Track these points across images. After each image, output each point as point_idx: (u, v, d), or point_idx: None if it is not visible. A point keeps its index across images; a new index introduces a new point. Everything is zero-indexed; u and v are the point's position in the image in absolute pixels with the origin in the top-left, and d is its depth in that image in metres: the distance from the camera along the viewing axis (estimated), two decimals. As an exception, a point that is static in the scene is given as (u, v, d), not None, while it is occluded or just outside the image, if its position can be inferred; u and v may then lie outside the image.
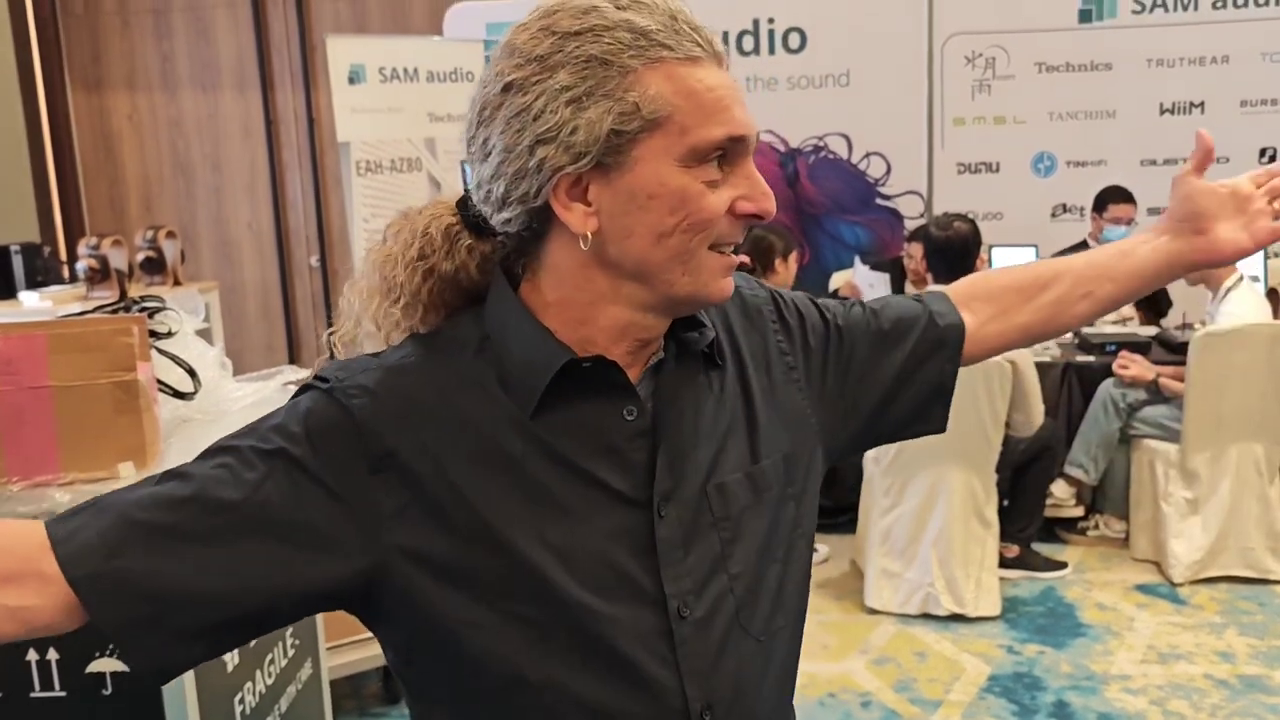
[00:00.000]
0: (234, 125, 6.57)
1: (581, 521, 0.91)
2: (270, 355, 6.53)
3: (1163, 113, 5.48)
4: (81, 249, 4.50)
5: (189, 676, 1.62)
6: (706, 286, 0.91)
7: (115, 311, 1.82)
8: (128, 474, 1.59)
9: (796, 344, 1.07)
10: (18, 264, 4.54)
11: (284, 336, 6.66)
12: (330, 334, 1.00)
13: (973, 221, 3.61)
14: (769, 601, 0.99)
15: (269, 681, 1.95)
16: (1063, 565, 3.93)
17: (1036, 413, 3.54)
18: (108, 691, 1.60)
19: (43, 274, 4.73)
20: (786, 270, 4.26)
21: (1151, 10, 5.40)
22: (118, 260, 4.46)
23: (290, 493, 0.85)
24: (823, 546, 4.10)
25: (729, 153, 0.88)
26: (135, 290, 4.44)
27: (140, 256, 4.68)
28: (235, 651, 1.82)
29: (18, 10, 6.18)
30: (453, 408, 0.90)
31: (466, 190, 0.96)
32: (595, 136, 0.85)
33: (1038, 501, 3.99)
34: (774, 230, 4.46)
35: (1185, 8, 5.38)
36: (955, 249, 3.51)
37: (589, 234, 0.88)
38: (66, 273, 5.52)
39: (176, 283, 4.80)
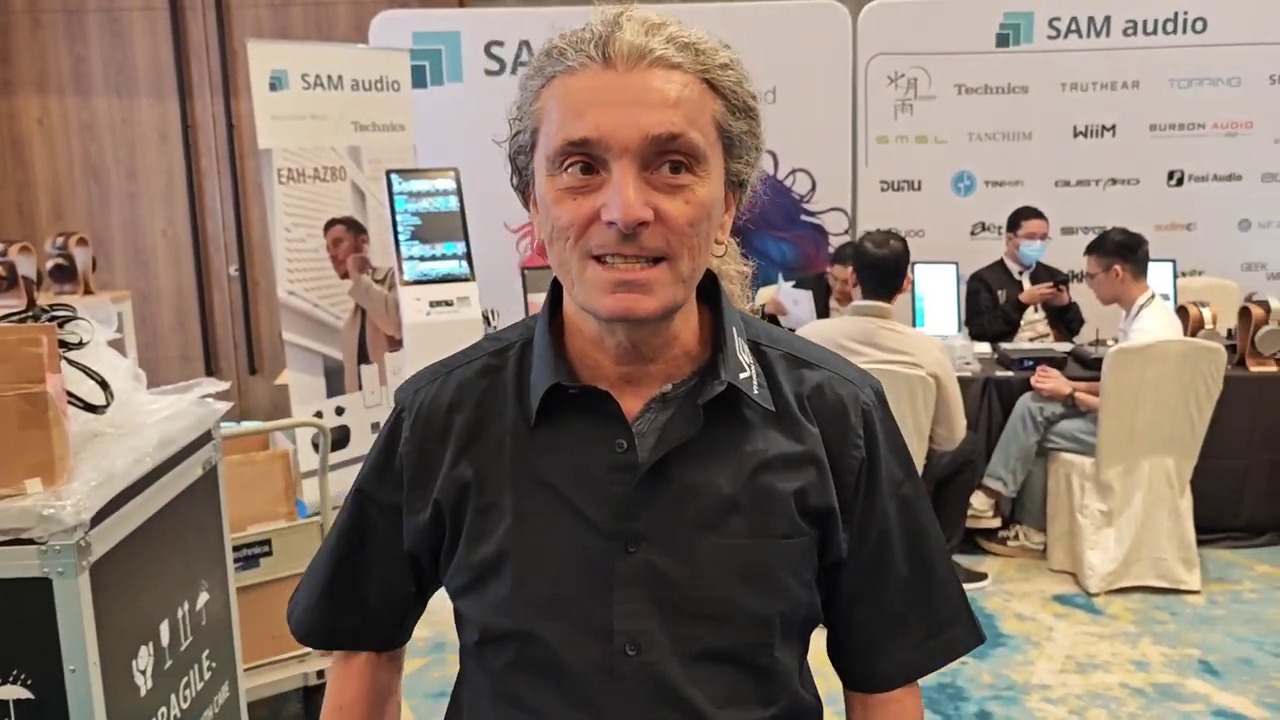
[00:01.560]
0: (150, 131, 6.39)
1: (551, 541, 0.95)
2: (186, 366, 6.36)
3: (1076, 135, 5.65)
4: (-13, 256, 4.33)
5: (99, 700, 1.56)
6: (591, 300, 0.88)
7: (23, 320, 1.74)
8: (35, 490, 1.52)
9: (863, 468, 1.00)
10: (-83, 271, 4.35)
11: (200, 347, 6.49)
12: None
13: (904, 239, 3.67)
14: (741, 675, 0.95)
15: (184, 706, 1.88)
16: (983, 576, 4.00)
17: (959, 427, 3.60)
18: None
19: (-56, 281, 4.53)
20: None
21: (1066, 36, 5.56)
22: (26, 267, 4.30)
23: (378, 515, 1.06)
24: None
25: (595, 157, 0.85)
26: (44, 299, 4.29)
27: (50, 264, 4.52)
28: (149, 675, 1.75)
29: (-80, 7, 5.94)
30: (476, 417, 1.00)
31: None
32: (512, 152, 0.93)
33: (960, 514, 4.05)
34: None
35: (1098, 34, 5.55)
36: (889, 266, 3.56)
37: (537, 241, 0.93)
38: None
39: (88, 291, 4.64)
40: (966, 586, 3.92)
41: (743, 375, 0.95)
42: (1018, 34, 5.58)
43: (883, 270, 3.57)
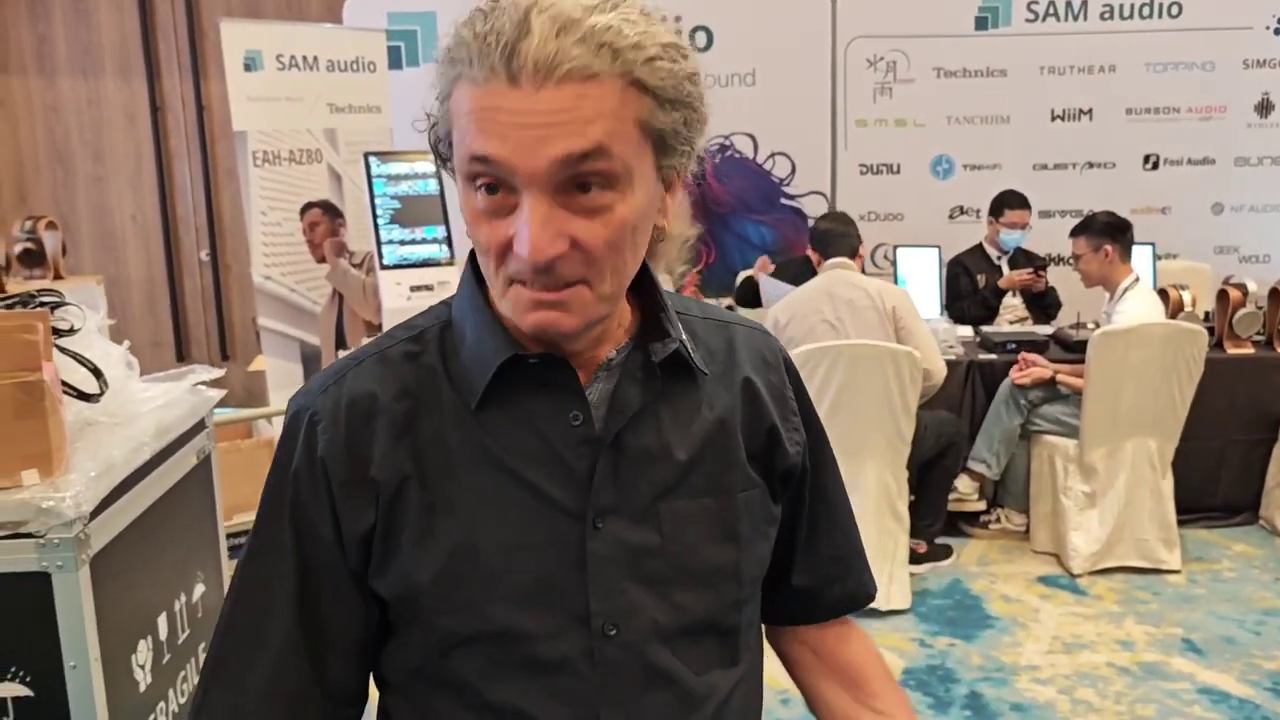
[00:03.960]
0: (117, 112, 6.25)
1: (515, 527, 0.89)
2: (157, 352, 6.25)
3: (1054, 119, 5.67)
4: (-48, 240, 4.21)
5: (100, 696, 1.52)
6: (515, 316, 0.85)
7: (11, 306, 1.68)
8: (32, 482, 1.48)
9: (800, 417, 1.04)
10: (-122, 256, 4.23)
11: (172, 333, 6.38)
12: None
13: (844, 213, 4.05)
14: (715, 639, 0.95)
15: (182, 700, 1.84)
16: (949, 553, 4.02)
17: (936, 362, 3.67)
18: (10, 718, 1.48)
19: (-92, 267, 4.41)
20: None
21: (1044, 19, 5.57)
22: (-7, 252, 4.20)
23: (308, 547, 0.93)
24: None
25: (504, 181, 0.79)
26: (13, 285, 4.18)
27: (18, 248, 4.40)
28: (148, 670, 1.71)
29: (-123, -16, 5.77)
30: (405, 407, 0.91)
31: None
32: (432, 142, 0.88)
33: (943, 498, 4.06)
34: None
35: (1075, 18, 5.56)
36: (837, 229, 3.88)
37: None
38: (-67, 265, 5.17)
39: (58, 276, 4.54)
40: (946, 564, 3.96)
41: (683, 337, 0.94)
42: (996, 17, 5.58)
43: (833, 233, 3.85)
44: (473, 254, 0.92)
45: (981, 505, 4.33)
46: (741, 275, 5.27)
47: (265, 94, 4.60)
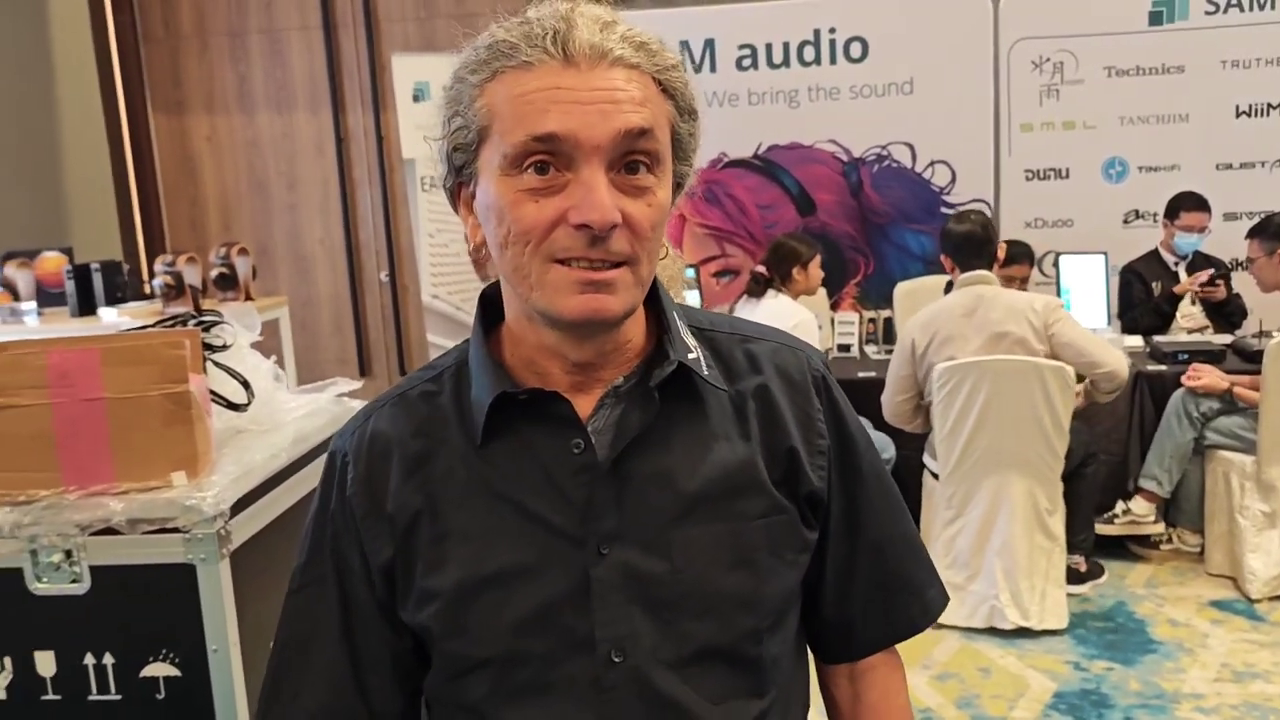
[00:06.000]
0: (307, 144, 6.73)
1: (518, 555, 0.91)
2: (342, 368, 6.67)
3: (1238, 115, 5.33)
4: (158, 266, 4.64)
5: (239, 681, 1.67)
6: (554, 303, 0.85)
7: (172, 326, 1.88)
8: (180, 483, 1.64)
9: (832, 438, 1.00)
10: (98, 281, 4.70)
11: (355, 349, 6.80)
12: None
13: (983, 214, 3.80)
14: (732, 669, 0.93)
15: (320, 687, 1.99)
16: (1100, 571, 3.84)
17: (1108, 359, 3.47)
18: (161, 696, 1.64)
19: (123, 291, 4.89)
20: (807, 279, 4.21)
21: (1225, 10, 5.25)
22: (191, 276, 4.59)
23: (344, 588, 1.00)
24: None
25: (560, 157, 0.83)
26: (210, 305, 4.57)
27: (214, 273, 4.81)
28: (286, 657, 1.85)
29: (100, 35, 6.42)
30: (420, 445, 0.96)
31: None
32: (448, 151, 0.90)
33: (1089, 509, 3.86)
34: (795, 236, 4.43)
35: (1261, 7, 5.22)
36: (977, 236, 3.61)
37: (474, 245, 0.90)
38: (149, 290, 5.70)
39: (249, 297, 4.92)
40: (1094, 584, 3.77)
41: (690, 356, 0.94)
42: (1172, 11, 5.30)
43: (972, 240, 3.60)
44: (482, 296, 0.98)
45: (1160, 527, 4.09)
46: (898, 292, 5.20)
47: (432, 122, 4.87)
